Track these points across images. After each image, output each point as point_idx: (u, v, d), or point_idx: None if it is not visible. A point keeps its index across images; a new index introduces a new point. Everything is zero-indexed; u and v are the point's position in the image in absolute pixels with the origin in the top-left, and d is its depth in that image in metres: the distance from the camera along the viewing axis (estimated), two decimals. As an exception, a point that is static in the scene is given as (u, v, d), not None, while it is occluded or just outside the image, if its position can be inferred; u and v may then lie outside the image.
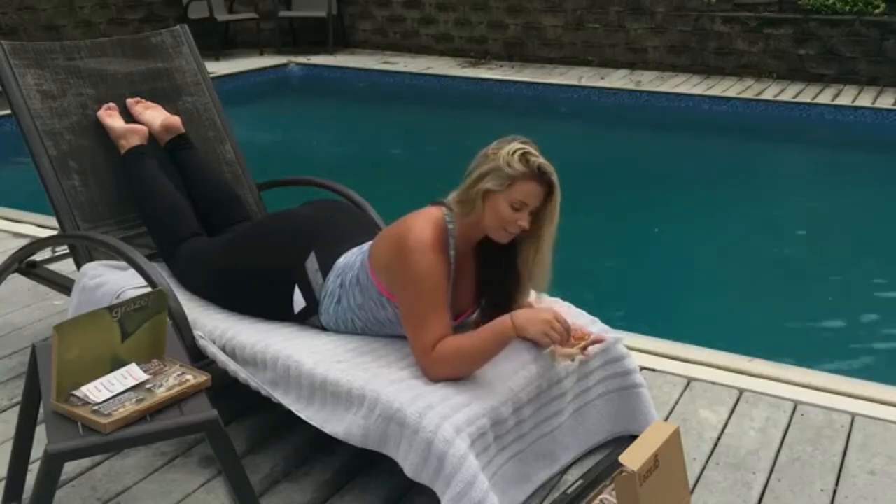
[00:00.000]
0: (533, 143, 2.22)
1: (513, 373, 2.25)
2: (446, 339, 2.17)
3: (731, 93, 8.55)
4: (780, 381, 2.99)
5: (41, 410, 1.99)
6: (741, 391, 2.92)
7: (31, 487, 1.88)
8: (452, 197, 2.28)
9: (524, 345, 2.35)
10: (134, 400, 1.87)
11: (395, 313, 2.29)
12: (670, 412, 2.81)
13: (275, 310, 2.51)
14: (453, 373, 2.18)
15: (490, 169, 2.18)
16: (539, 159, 2.18)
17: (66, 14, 9.65)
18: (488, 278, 2.37)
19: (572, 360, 2.27)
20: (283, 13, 10.95)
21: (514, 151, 2.17)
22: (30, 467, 2.20)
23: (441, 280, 2.19)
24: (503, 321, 2.17)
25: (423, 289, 2.18)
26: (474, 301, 2.40)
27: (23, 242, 3.47)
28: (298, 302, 2.47)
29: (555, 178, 2.20)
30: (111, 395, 1.87)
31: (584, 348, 2.26)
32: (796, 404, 2.85)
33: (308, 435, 2.46)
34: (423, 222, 2.22)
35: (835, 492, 2.41)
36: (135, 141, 2.98)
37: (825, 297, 4.64)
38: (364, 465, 2.45)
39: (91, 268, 2.80)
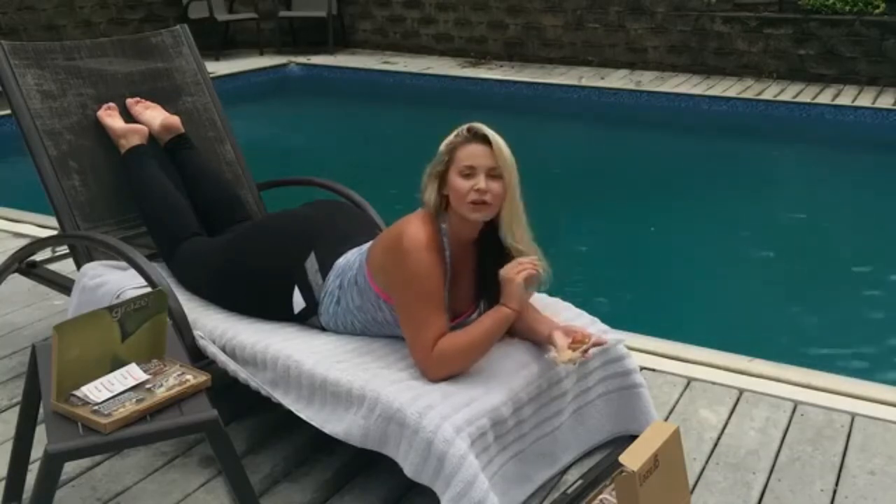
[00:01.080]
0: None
1: (513, 373, 2.25)
2: (443, 338, 2.18)
3: (731, 93, 8.55)
4: (780, 381, 2.99)
5: (41, 410, 1.99)
6: (741, 391, 2.92)
7: (31, 487, 1.88)
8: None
9: (524, 345, 2.35)
10: (134, 400, 1.87)
11: (393, 315, 2.29)
12: (670, 412, 2.81)
13: (274, 310, 2.51)
14: (453, 369, 2.19)
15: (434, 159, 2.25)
16: (469, 125, 2.23)
17: (66, 14, 9.65)
18: (486, 277, 2.36)
19: (574, 363, 2.27)
20: (283, 13, 10.94)
21: (449, 134, 2.24)
22: (30, 467, 2.20)
23: (437, 280, 2.20)
24: (495, 308, 2.22)
25: (419, 289, 2.18)
26: (473, 302, 2.39)
27: (23, 242, 3.47)
28: (298, 302, 2.47)
29: (488, 130, 2.21)
30: (111, 395, 1.88)
31: (586, 351, 2.26)
32: (796, 404, 2.85)
33: (308, 435, 2.46)
34: (418, 224, 2.22)
35: (835, 492, 2.41)
36: (135, 141, 2.98)
37: (825, 297, 4.64)
38: (364, 465, 2.45)
39: (91, 268, 2.80)
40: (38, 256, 3.21)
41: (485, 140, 2.20)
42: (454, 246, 2.28)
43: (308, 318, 2.48)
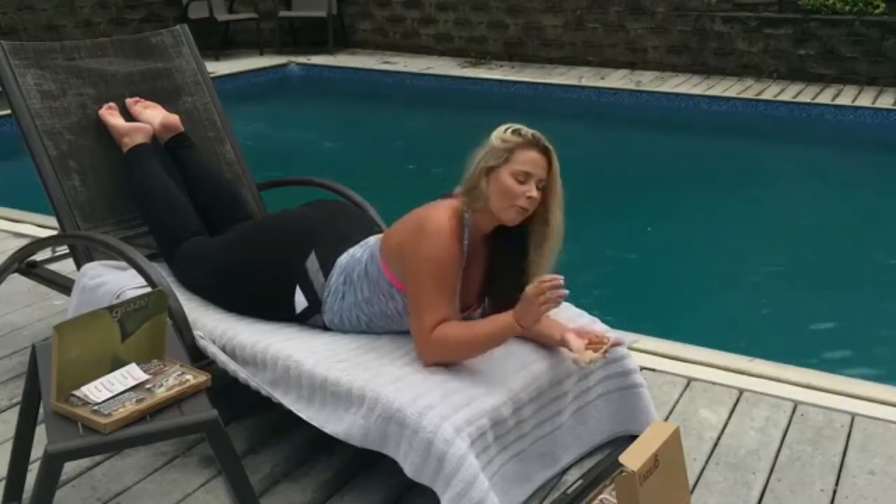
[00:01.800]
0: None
1: (513, 373, 2.25)
2: (447, 323, 2.18)
3: (731, 93, 8.55)
4: (780, 381, 2.99)
5: (41, 410, 1.99)
6: (741, 391, 2.92)
7: (31, 487, 1.88)
8: (458, 190, 2.29)
9: (527, 345, 2.35)
10: (134, 400, 1.87)
11: (404, 304, 2.29)
12: (670, 412, 2.81)
13: (276, 310, 2.51)
14: (447, 357, 2.20)
15: (486, 151, 2.23)
16: (531, 130, 2.23)
17: (66, 14, 9.65)
18: (496, 270, 2.36)
19: (595, 363, 2.27)
20: (283, 13, 10.94)
21: (506, 129, 2.24)
22: (30, 467, 2.20)
23: (453, 269, 2.21)
24: (506, 316, 2.17)
25: (434, 272, 2.18)
26: (479, 296, 2.39)
27: (23, 242, 3.47)
28: (300, 302, 2.47)
29: (551, 144, 2.23)
30: (111, 395, 1.87)
31: (605, 351, 2.26)
32: (796, 404, 2.85)
33: (308, 435, 2.46)
34: (444, 211, 2.24)
35: (835, 492, 2.41)
36: (138, 139, 2.98)
37: (825, 297, 4.64)
38: (364, 465, 2.45)
39: (91, 268, 2.80)
40: (38, 256, 3.21)
41: (544, 150, 2.22)
42: (473, 237, 2.29)
43: (310, 318, 2.48)
